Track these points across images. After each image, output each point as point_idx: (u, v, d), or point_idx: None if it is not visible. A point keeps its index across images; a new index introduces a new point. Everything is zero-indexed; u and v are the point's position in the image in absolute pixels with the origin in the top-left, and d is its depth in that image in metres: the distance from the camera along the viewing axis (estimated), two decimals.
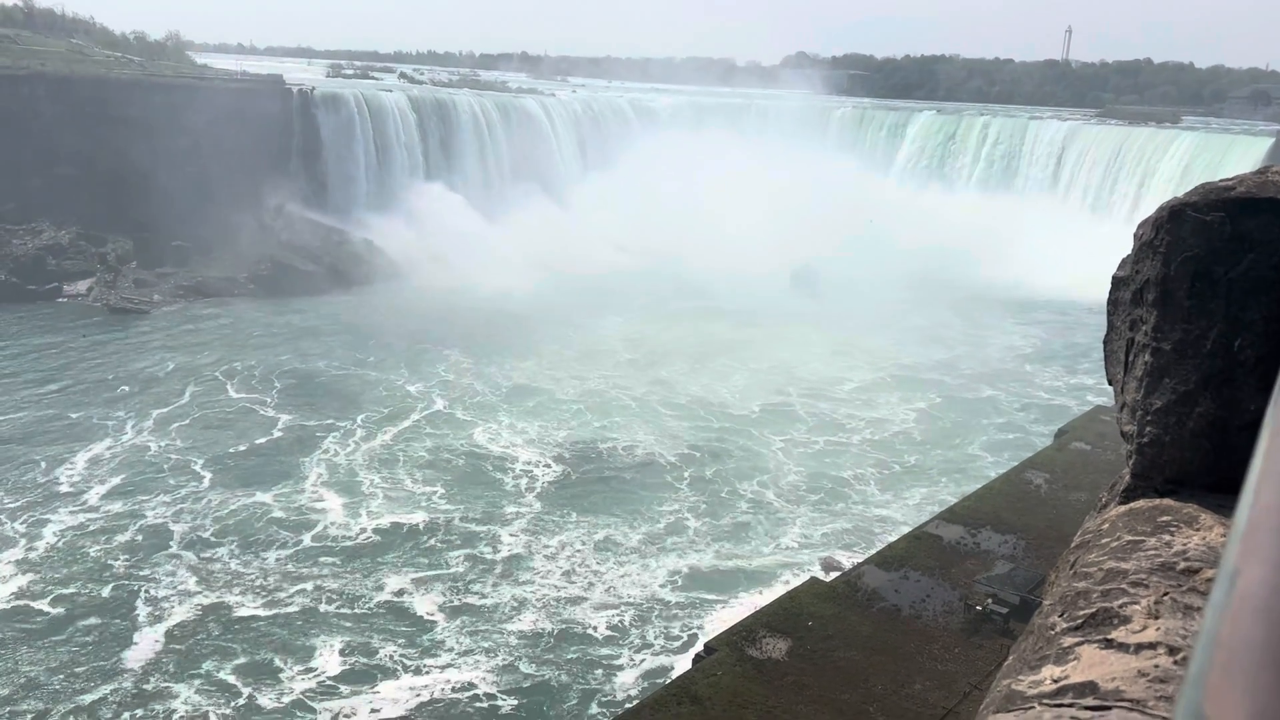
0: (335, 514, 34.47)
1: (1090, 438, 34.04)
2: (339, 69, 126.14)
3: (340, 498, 35.74)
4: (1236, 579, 0.78)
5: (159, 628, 27.16)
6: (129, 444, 40.05)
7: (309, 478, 37.39)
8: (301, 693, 24.77)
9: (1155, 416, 3.03)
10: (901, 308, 66.76)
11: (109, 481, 36.41)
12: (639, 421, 44.47)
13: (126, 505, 34.54)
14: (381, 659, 26.33)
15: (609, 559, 32.19)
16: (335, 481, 37.17)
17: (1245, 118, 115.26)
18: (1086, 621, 2.22)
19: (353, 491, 36.31)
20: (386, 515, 34.46)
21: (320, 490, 36.35)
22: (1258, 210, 2.85)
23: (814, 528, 34.97)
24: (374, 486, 36.83)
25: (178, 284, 65.21)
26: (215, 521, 33.49)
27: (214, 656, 26.00)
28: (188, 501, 35.04)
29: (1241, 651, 0.72)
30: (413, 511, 34.85)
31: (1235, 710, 0.68)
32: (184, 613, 27.92)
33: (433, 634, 27.51)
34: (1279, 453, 0.88)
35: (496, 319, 60.36)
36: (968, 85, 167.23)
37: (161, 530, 32.80)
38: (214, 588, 29.27)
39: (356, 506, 35.08)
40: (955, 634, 22.14)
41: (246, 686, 24.86)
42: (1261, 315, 2.84)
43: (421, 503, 35.63)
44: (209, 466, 38.12)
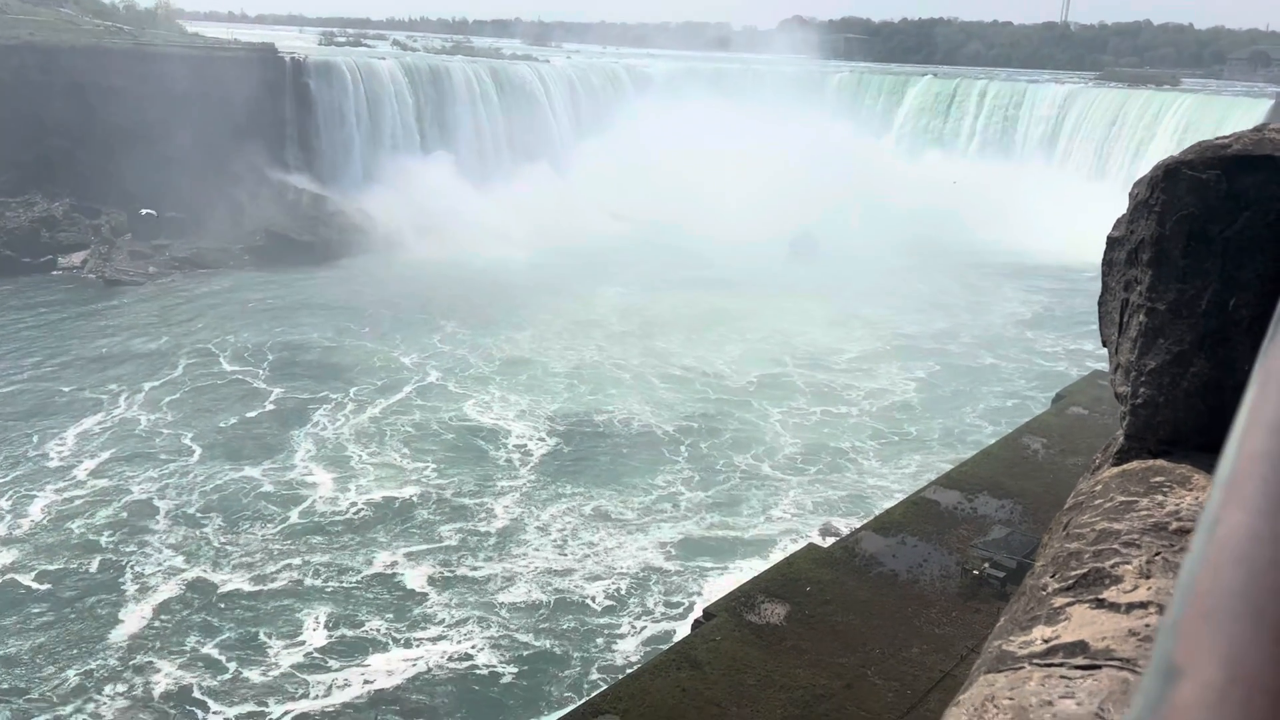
0: (325, 488, 34.25)
1: (1087, 402, 34.11)
2: (331, 36, 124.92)
3: (330, 472, 35.50)
4: (1217, 527, 0.75)
5: (145, 603, 27.04)
6: (120, 418, 39.86)
7: (299, 451, 37.14)
8: (290, 666, 24.71)
9: (1149, 377, 3.01)
10: (900, 274, 66.54)
11: (99, 456, 36.20)
12: (633, 393, 44.15)
13: (115, 480, 34.35)
14: (372, 632, 26.23)
15: (604, 530, 32.10)
16: (325, 455, 36.92)
17: (1245, 79, 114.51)
18: (1078, 582, 2.21)
19: (343, 465, 36.07)
20: (377, 489, 34.21)
21: (310, 464, 36.09)
22: (1254, 168, 2.82)
23: (811, 498, 34.85)
24: (365, 460, 36.54)
25: (173, 256, 64.98)
26: (204, 496, 33.31)
27: (199, 632, 25.90)
28: (177, 476, 34.83)
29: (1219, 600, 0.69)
30: (403, 485, 34.58)
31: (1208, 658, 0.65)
32: (170, 589, 27.80)
33: (425, 607, 27.43)
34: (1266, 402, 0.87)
35: (492, 289, 60.19)
36: (966, 49, 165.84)
37: (149, 505, 32.62)
38: (200, 563, 29.13)
39: (347, 480, 34.84)
40: (952, 598, 22.31)
41: (232, 661, 24.79)
42: (1256, 274, 2.82)
43: (412, 476, 35.35)
44: (199, 440, 37.90)
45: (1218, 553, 0.73)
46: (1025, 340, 55.87)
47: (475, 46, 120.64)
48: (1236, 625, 0.66)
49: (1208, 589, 0.71)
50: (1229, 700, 0.62)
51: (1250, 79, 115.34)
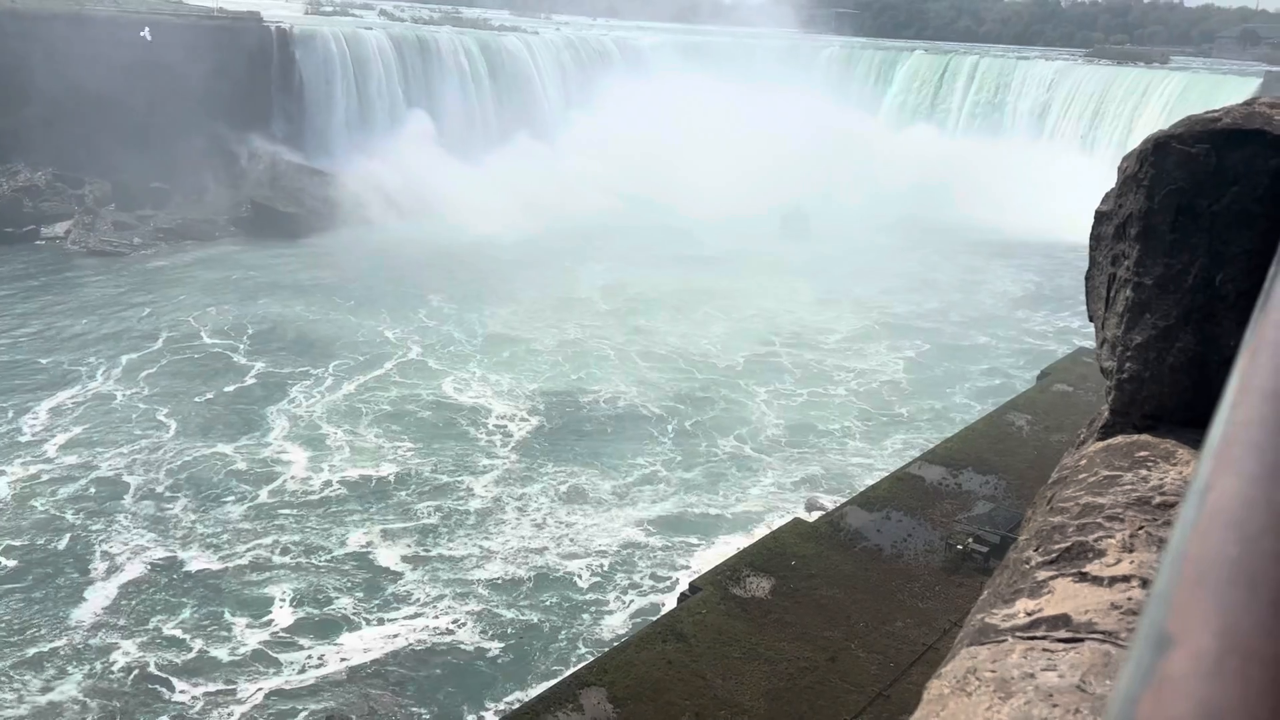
0: (299, 466, 33.72)
1: (1072, 379, 34.33)
2: (318, 5, 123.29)
3: (306, 449, 34.97)
4: (1208, 494, 0.74)
5: (111, 582, 26.65)
6: (95, 392, 39.34)
7: (275, 428, 36.62)
8: (258, 644, 24.44)
9: (1135, 352, 3.01)
10: (890, 251, 66.45)
11: (71, 431, 35.61)
12: (618, 372, 43.70)
13: (85, 456, 33.73)
14: (343, 610, 25.94)
15: (586, 508, 31.87)
16: (302, 432, 36.37)
17: (1234, 58, 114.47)
18: (1061, 555, 2.21)
19: (319, 443, 35.53)
20: (353, 467, 33.73)
21: (286, 441, 35.57)
22: (1244, 142, 2.80)
23: (794, 479, 34.61)
24: (341, 438, 36.02)
25: (157, 226, 64.40)
26: (175, 473, 32.78)
27: (163, 611, 25.55)
28: (149, 452, 34.26)
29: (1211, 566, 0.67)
30: (380, 464, 34.08)
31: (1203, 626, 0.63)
32: (136, 567, 27.40)
33: (400, 585, 27.13)
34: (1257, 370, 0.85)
35: (479, 263, 59.89)
36: (957, 24, 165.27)
37: (118, 482, 32.09)
38: (169, 541, 28.71)
39: (322, 458, 34.32)
40: (936, 572, 22.50)
41: (197, 640, 24.49)
42: (1244, 249, 2.81)
43: (389, 455, 34.84)
44: (174, 415, 37.34)
45: (1209, 519, 0.71)
46: (1016, 319, 55.70)
47: (464, 16, 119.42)
48: (1230, 592, 0.64)
49: (1199, 556, 0.69)
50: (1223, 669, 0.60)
51: (1239, 57, 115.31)
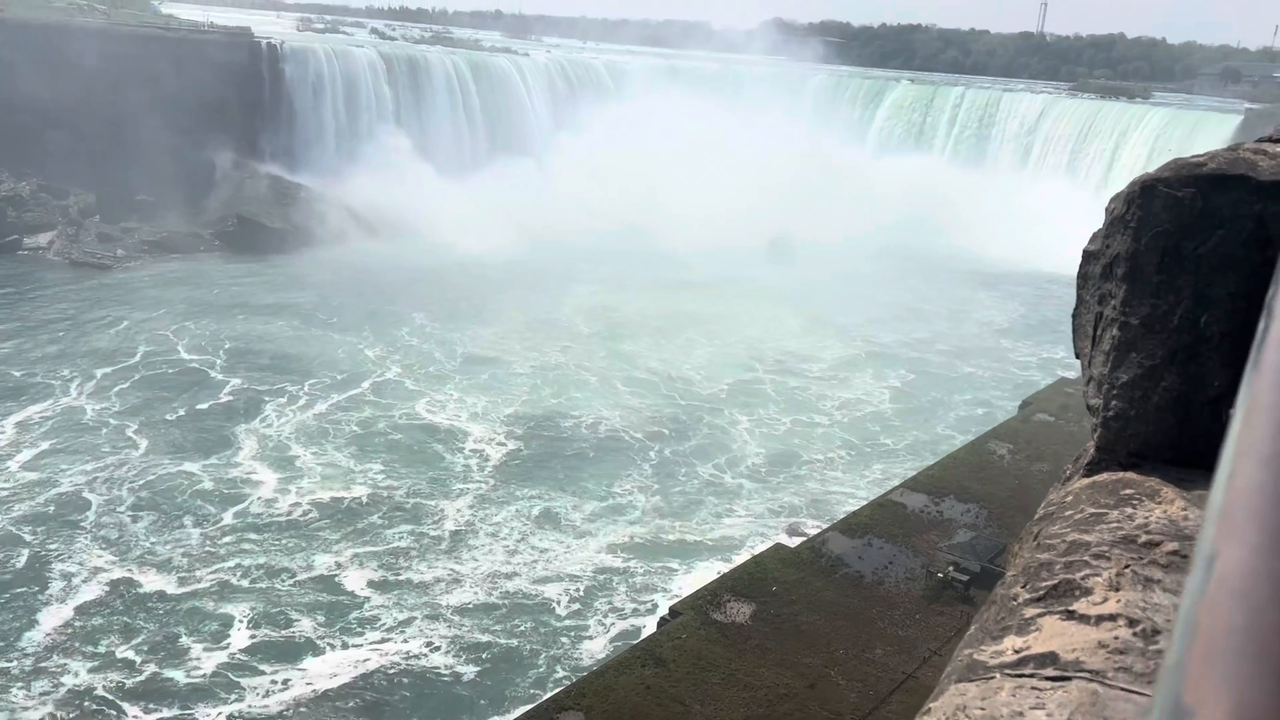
0: (268, 487, 33.15)
1: (1053, 409, 34.53)
2: (309, 22, 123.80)
3: (275, 469, 34.40)
4: (1214, 562, 0.75)
5: (66, 603, 26.10)
6: (66, 406, 38.84)
7: (245, 447, 36.07)
8: (216, 667, 23.99)
9: (1121, 390, 3.05)
10: (876, 279, 66.69)
11: (37, 446, 35.03)
12: (597, 397, 43.26)
13: (48, 472, 33.12)
14: (305, 633, 25.47)
15: (564, 534, 31.45)
16: (272, 452, 35.82)
17: (1215, 94, 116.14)
18: (1049, 593, 2.24)
19: (289, 463, 34.97)
20: (323, 489, 33.18)
21: (255, 461, 35.01)
22: (1228, 187, 2.86)
23: (775, 508, 34.27)
24: (312, 458, 35.44)
25: (141, 239, 64.16)
26: (139, 492, 32.23)
27: (118, 633, 25.02)
28: (114, 470, 33.69)
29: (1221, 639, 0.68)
30: (351, 486, 33.54)
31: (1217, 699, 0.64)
32: (93, 588, 26.85)
33: (365, 610, 26.68)
34: (1255, 431, 0.88)
35: (465, 282, 59.87)
36: (943, 55, 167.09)
37: (80, 500, 31.51)
38: (128, 563, 28.14)
39: (291, 479, 33.74)
40: (917, 600, 22.52)
41: (151, 664, 23.98)
42: (1228, 292, 2.87)
43: (361, 477, 34.26)
44: (143, 432, 36.83)
45: (1216, 589, 0.73)
46: (1001, 349, 55.72)
47: (455, 37, 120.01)
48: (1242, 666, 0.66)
49: (1209, 627, 0.70)
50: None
51: (1220, 94, 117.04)
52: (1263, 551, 0.72)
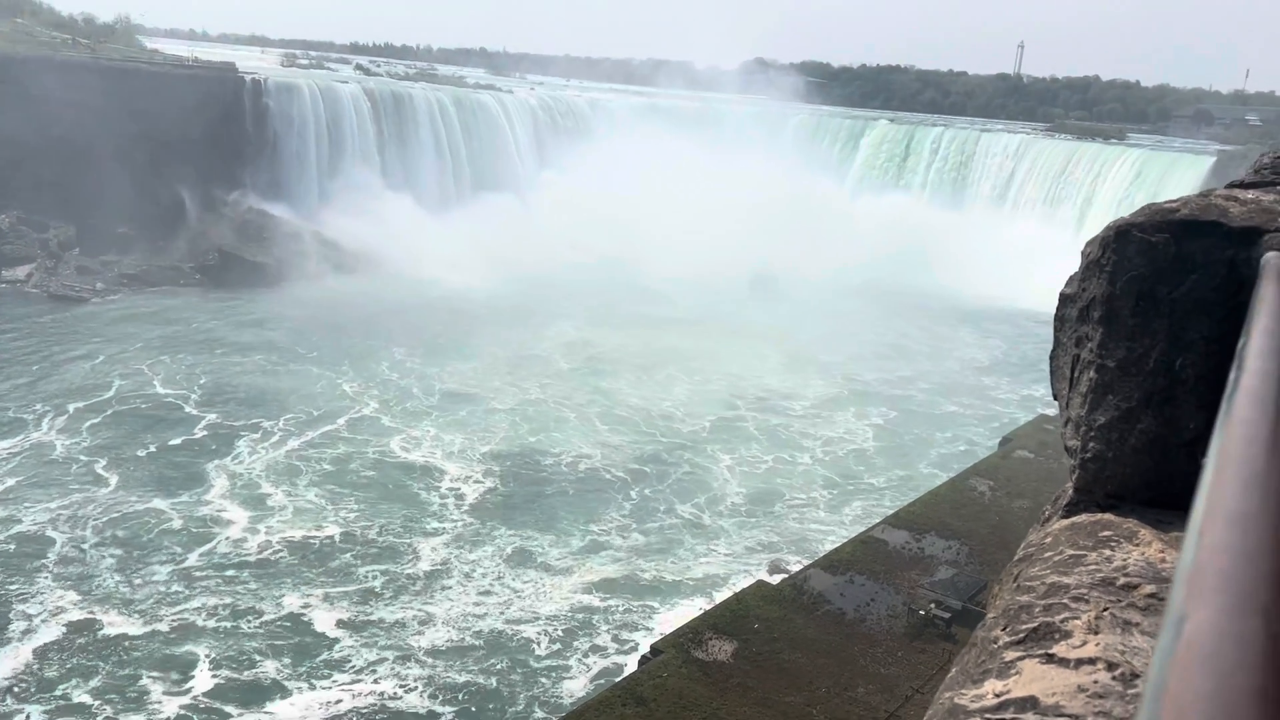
0: (237, 526, 32.56)
1: (1033, 446, 34.69)
2: (294, 58, 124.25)
3: (246, 508, 33.82)
4: (1183, 624, 0.77)
5: (24, 645, 25.44)
6: (35, 441, 38.25)
7: (216, 485, 35.51)
8: (177, 710, 23.38)
9: (1098, 432, 3.08)
10: (857, 317, 66.96)
11: (2, 483, 34.41)
12: (577, 434, 42.89)
13: (12, 510, 32.46)
14: (272, 674, 24.93)
15: (541, 573, 30.99)
16: (243, 489, 35.27)
17: (1189, 136, 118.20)
18: (1028, 636, 2.24)
19: (260, 501, 34.41)
20: (294, 528, 32.60)
21: (225, 499, 34.44)
22: (1201, 233, 2.91)
23: (755, 550, 33.82)
24: (285, 496, 34.92)
25: (121, 272, 63.88)
26: (105, 530, 31.61)
27: (76, 676, 24.41)
28: (80, 507, 33.06)
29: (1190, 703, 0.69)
30: (323, 525, 32.99)
31: None
32: (52, 630, 26.19)
33: (336, 651, 26.16)
34: (1225, 488, 0.89)
35: (445, 317, 59.79)
36: (922, 96, 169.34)
37: (43, 539, 30.84)
38: (89, 603, 27.49)
39: (262, 518, 33.18)
40: (898, 638, 22.43)
41: (107, 707, 23.37)
42: (1202, 336, 2.91)
43: (333, 516, 33.70)
44: (113, 468, 36.26)
45: (1185, 652, 0.73)
46: (982, 387, 55.73)
47: (439, 74, 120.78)
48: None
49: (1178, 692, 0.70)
50: None
51: (1194, 136, 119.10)
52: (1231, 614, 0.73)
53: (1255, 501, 0.86)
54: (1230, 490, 0.88)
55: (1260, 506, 0.86)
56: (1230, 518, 0.85)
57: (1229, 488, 0.88)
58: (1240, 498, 0.86)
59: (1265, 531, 0.82)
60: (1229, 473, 0.87)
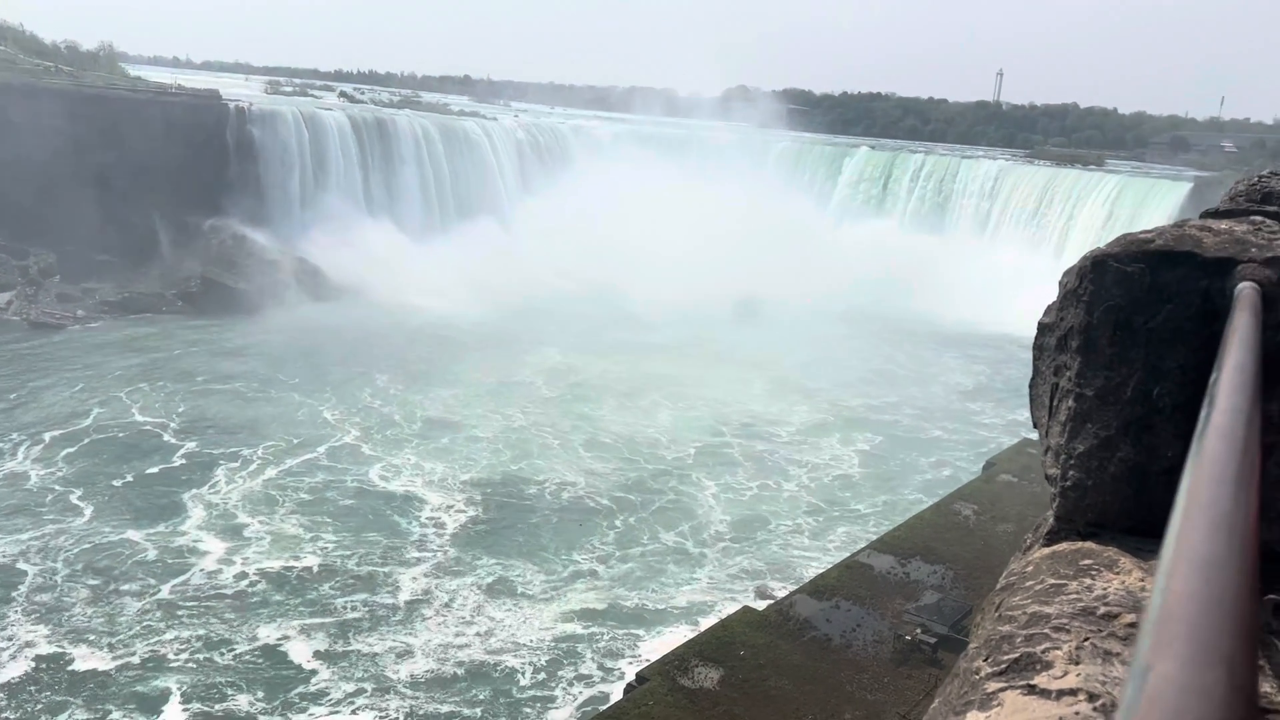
0: (213, 556, 32.09)
1: (1016, 470, 34.78)
2: (277, 85, 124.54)
3: (222, 538, 33.36)
4: (1147, 676, 0.77)
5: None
6: (8, 471, 37.72)
7: (193, 515, 35.05)
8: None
9: (1078, 461, 3.10)
10: (842, 343, 67.11)
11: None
12: (560, 461, 42.59)
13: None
14: (245, 708, 24.47)
15: (525, 603, 30.60)
16: (220, 519, 34.83)
17: (1166, 163, 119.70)
18: (1010, 666, 2.25)
19: (237, 531, 33.96)
20: (271, 558, 32.12)
21: (203, 529, 33.97)
22: (1175, 263, 2.95)
23: (741, 578, 33.58)
24: (262, 526, 34.45)
25: (102, 299, 63.54)
26: (75, 562, 31.05)
27: (45, 713, 23.94)
28: (53, 538, 32.56)
29: None
30: (301, 555, 32.53)
31: None
32: (20, 665, 25.67)
33: (311, 684, 25.74)
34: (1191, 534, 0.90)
35: (431, 344, 59.67)
36: (903, 123, 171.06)
37: (14, 571, 30.33)
38: (60, 637, 26.99)
39: (239, 548, 32.72)
40: (885, 664, 22.37)
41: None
42: (1178, 365, 2.94)
43: (311, 546, 33.24)
44: (89, 498, 35.79)
45: (1148, 706, 0.73)
46: (967, 412, 55.71)
47: (423, 101, 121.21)
48: None
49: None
50: None
51: (1171, 162, 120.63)
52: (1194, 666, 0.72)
53: (1222, 546, 0.87)
54: (1198, 534, 0.88)
55: (1227, 551, 0.86)
56: (1196, 563, 0.85)
57: (1197, 531, 0.89)
58: (1207, 542, 0.87)
59: (1232, 577, 0.83)
60: (1196, 516, 0.88)
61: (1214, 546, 0.87)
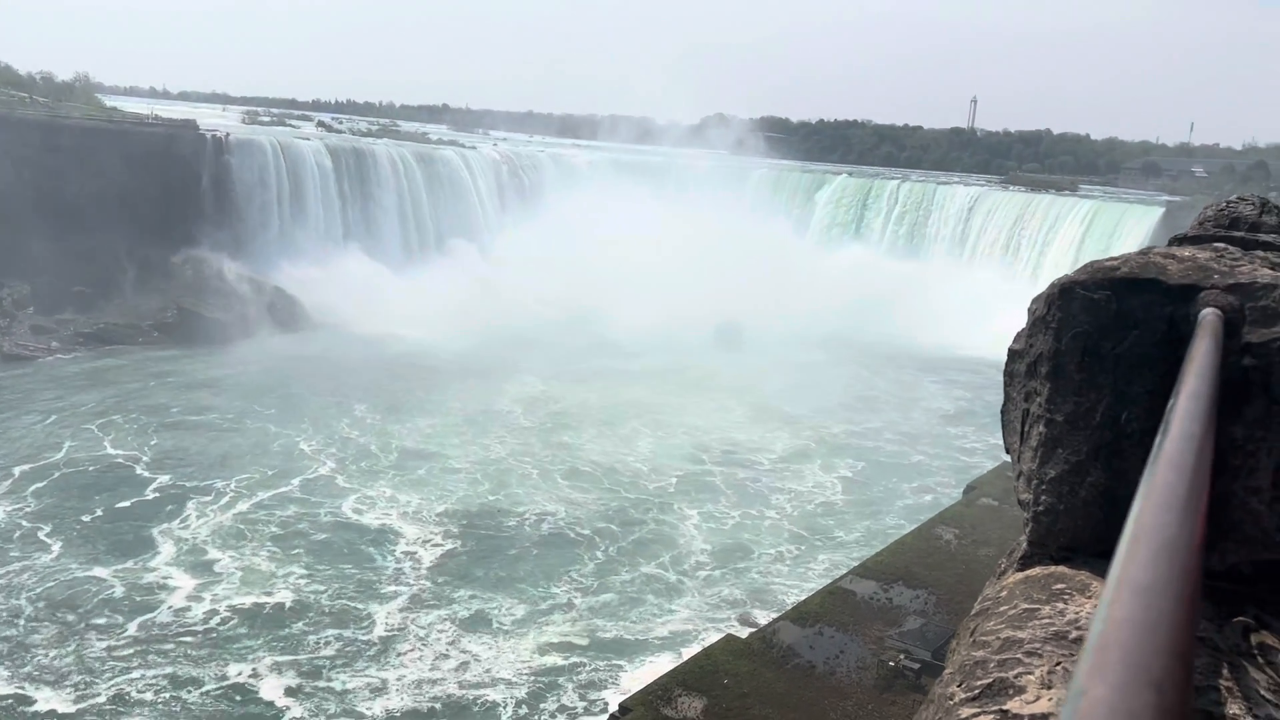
0: (184, 592, 31.44)
1: (997, 493, 34.91)
2: (255, 115, 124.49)
3: (192, 574, 32.70)
4: (1080, 699, 0.78)
5: None
6: None
7: (163, 550, 34.35)
8: None
9: (1050, 486, 3.14)
10: (822, 368, 67.26)
11: None
12: (539, 491, 42.13)
13: None
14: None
15: (503, 637, 30.13)
16: (191, 554, 34.15)
17: (1138, 187, 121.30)
18: (984, 692, 2.26)
19: (208, 567, 33.29)
20: (242, 594, 31.49)
21: (172, 565, 33.31)
22: (1140, 290, 3.00)
23: (724, 606, 33.30)
24: (233, 561, 33.80)
25: (77, 330, 63.00)
26: (40, 600, 30.36)
27: None
28: (18, 575, 31.87)
29: None
30: (273, 590, 31.89)
31: None
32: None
33: None
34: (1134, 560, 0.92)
35: (408, 372, 59.41)
36: (879, 150, 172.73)
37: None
38: (20, 678, 26.34)
39: (209, 584, 32.06)
40: (868, 690, 22.30)
41: None
42: (1146, 390, 2.98)
43: (284, 581, 32.60)
44: (57, 534, 35.09)
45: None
46: (948, 436, 55.72)
47: (401, 130, 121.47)
48: None
49: None
50: None
51: (1143, 187, 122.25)
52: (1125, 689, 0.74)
53: (1163, 572, 0.89)
54: (1140, 559, 0.90)
55: (1167, 576, 0.88)
56: (1136, 589, 0.87)
57: (1140, 558, 0.91)
58: (1149, 568, 0.89)
59: (1169, 602, 0.85)
60: (1141, 542, 0.90)
61: (1155, 573, 0.89)
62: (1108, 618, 0.86)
